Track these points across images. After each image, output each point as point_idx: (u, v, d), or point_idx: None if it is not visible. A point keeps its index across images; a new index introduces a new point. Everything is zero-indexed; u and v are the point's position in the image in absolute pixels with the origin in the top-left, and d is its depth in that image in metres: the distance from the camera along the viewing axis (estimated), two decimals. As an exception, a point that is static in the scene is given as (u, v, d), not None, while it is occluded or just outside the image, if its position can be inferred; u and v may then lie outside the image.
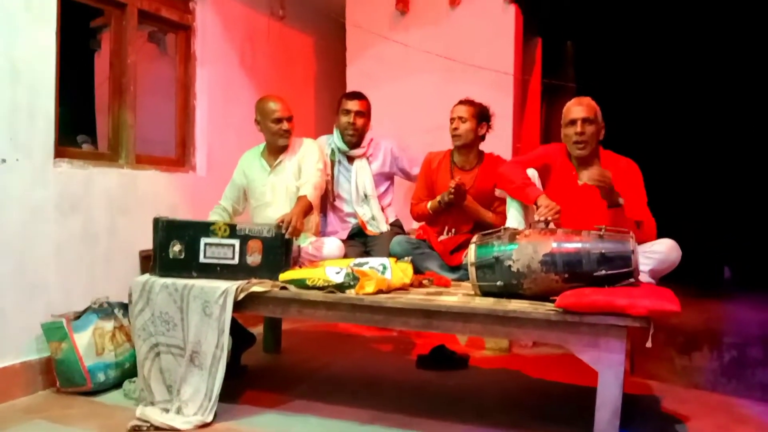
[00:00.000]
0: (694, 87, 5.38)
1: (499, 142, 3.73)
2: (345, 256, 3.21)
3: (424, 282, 2.85)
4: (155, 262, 2.74)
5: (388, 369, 3.47)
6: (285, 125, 3.25)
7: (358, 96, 3.60)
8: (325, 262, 2.92)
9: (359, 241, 3.56)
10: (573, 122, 2.81)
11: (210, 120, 4.03)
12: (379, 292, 2.53)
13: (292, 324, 4.25)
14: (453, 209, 3.28)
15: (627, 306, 2.11)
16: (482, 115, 3.30)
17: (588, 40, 5.35)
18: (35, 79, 2.86)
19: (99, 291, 3.07)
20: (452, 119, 3.29)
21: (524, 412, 2.78)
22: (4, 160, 2.73)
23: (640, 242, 2.50)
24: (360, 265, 2.73)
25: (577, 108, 2.83)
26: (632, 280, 2.31)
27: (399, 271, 2.74)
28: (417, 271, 2.94)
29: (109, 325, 2.94)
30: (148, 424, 2.47)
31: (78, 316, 2.89)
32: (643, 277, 2.58)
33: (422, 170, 3.47)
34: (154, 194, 3.54)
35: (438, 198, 3.26)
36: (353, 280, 2.55)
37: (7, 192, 2.75)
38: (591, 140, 2.81)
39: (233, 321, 2.61)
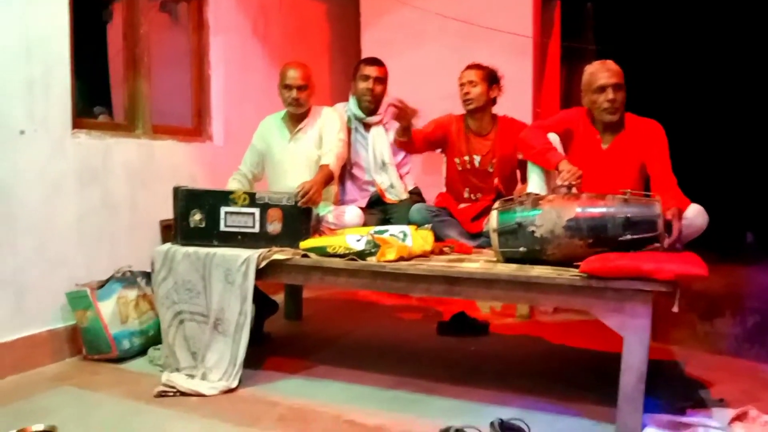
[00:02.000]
0: (717, 48, 5.25)
1: (518, 106, 3.68)
2: (365, 224, 3.20)
3: (445, 249, 2.83)
4: (176, 230, 2.75)
5: (409, 336, 3.48)
6: (294, 93, 3.19)
7: (376, 62, 3.55)
8: (346, 230, 2.91)
9: (378, 209, 3.54)
10: (603, 88, 2.73)
11: (225, 89, 4.00)
12: (401, 259, 2.52)
13: (313, 292, 4.28)
14: (472, 176, 3.24)
15: (653, 270, 2.08)
16: (492, 78, 3.24)
17: (607, 1, 5.23)
18: (50, 52, 2.85)
19: (121, 261, 3.10)
20: (462, 84, 3.23)
21: (546, 377, 2.78)
22: (23, 132, 2.73)
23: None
24: (380, 232, 2.72)
25: (606, 73, 2.74)
26: (658, 244, 2.28)
27: (420, 239, 2.72)
28: (437, 238, 2.93)
29: (132, 294, 2.97)
30: (174, 390, 2.50)
31: (101, 285, 2.92)
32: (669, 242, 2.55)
33: (439, 122, 3.35)
34: (172, 164, 3.54)
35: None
36: (374, 247, 2.54)
37: (28, 164, 2.76)
38: (621, 106, 2.75)
39: (255, 289, 2.62)
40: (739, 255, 5.11)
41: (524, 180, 3.00)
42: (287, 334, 3.46)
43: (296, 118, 3.30)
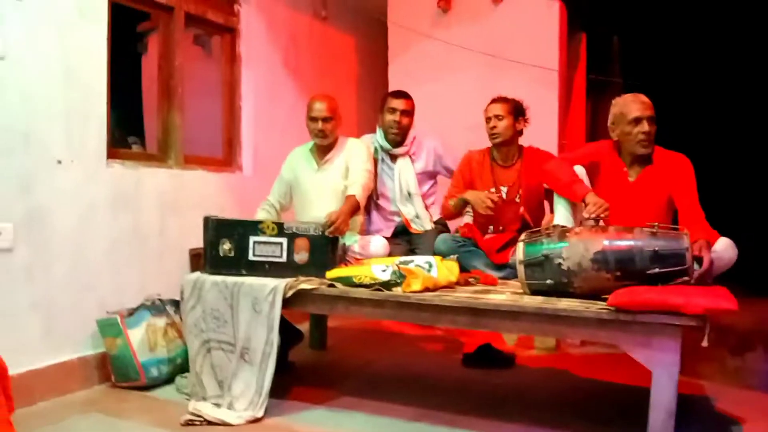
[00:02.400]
0: (744, 80, 5.23)
1: (544, 138, 3.69)
2: (390, 254, 3.21)
3: (471, 280, 2.84)
4: (206, 259, 2.80)
5: (434, 367, 3.47)
6: (319, 125, 3.25)
7: (403, 95, 3.61)
8: (371, 260, 2.93)
9: (404, 240, 3.56)
10: (638, 120, 2.72)
11: (255, 120, 4.09)
12: (426, 290, 2.53)
13: (337, 322, 4.29)
14: (499, 211, 3.24)
15: (682, 305, 2.06)
16: (518, 111, 3.26)
17: (633, 34, 5.25)
18: (88, 82, 2.96)
19: (150, 288, 3.15)
20: (488, 118, 3.26)
21: (572, 412, 2.75)
22: (59, 162, 2.82)
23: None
24: (405, 263, 2.73)
25: (640, 105, 2.74)
26: (687, 278, 2.26)
27: (445, 269, 2.73)
28: (463, 269, 2.93)
29: (161, 322, 3.01)
30: (201, 419, 2.52)
31: (131, 312, 2.97)
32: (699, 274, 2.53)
33: (461, 167, 3.42)
34: (202, 193, 3.61)
35: (460, 197, 3.22)
36: (399, 278, 2.56)
37: (63, 192, 2.84)
38: (653, 138, 2.76)
39: (281, 318, 2.64)
40: (769, 288, 5.00)
41: (552, 210, 3.00)
42: (312, 364, 3.47)
43: (323, 149, 3.36)
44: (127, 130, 4.67)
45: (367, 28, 5.12)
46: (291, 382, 3.03)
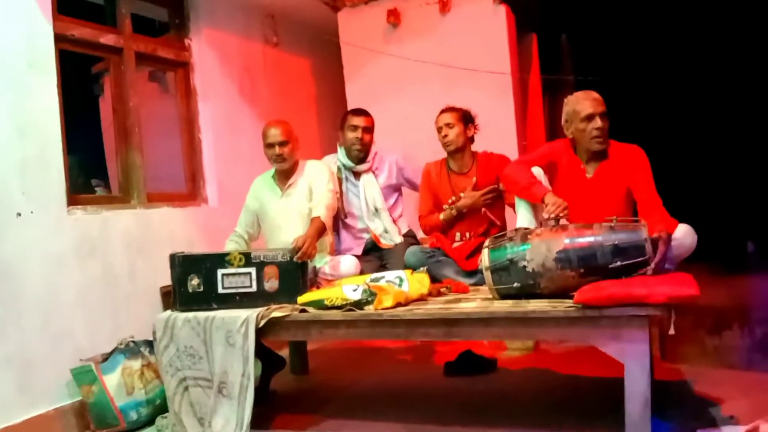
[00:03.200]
0: (697, 63, 5.35)
1: (504, 141, 3.74)
2: (362, 271, 3.23)
3: (443, 290, 2.86)
4: (175, 297, 2.78)
5: (417, 379, 3.47)
6: (276, 150, 3.27)
7: (363, 112, 3.65)
8: (342, 280, 2.94)
9: (374, 255, 3.58)
10: (591, 117, 2.77)
11: (216, 152, 4.09)
12: (398, 305, 2.55)
13: (318, 344, 4.27)
14: (465, 214, 3.30)
15: (645, 295, 2.10)
16: (467, 118, 3.36)
17: (582, 31, 5.35)
18: (43, 132, 2.94)
19: (124, 331, 3.13)
20: (440, 128, 3.34)
21: (557, 411, 2.76)
22: (19, 214, 2.79)
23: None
24: (376, 280, 2.75)
25: (592, 102, 2.78)
26: (648, 268, 2.30)
27: (416, 282, 2.75)
28: (434, 279, 2.95)
29: (136, 364, 2.98)
30: (184, 459, 2.50)
31: (106, 357, 2.94)
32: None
33: (423, 182, 3.49)
34: (169, 230, 3.60)
35: (453, 209, 3.29)
36: (371, 296, 2.57)
37: (26, 244, 2.81)
38: (606, 133, 2.81)
39: (262, 346, 2.65)
40: (742, 265, 5.09)
41: (515, 210, 3.05)
42: (294, 390, 3.45)
43: (285, 173, 3.37)
44: (90, 174, 4.64)
45: (321, 50, 5.15)
46: (274, 411, 3.01)
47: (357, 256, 3.42)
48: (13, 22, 2.84)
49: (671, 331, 2.13)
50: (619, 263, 2.28)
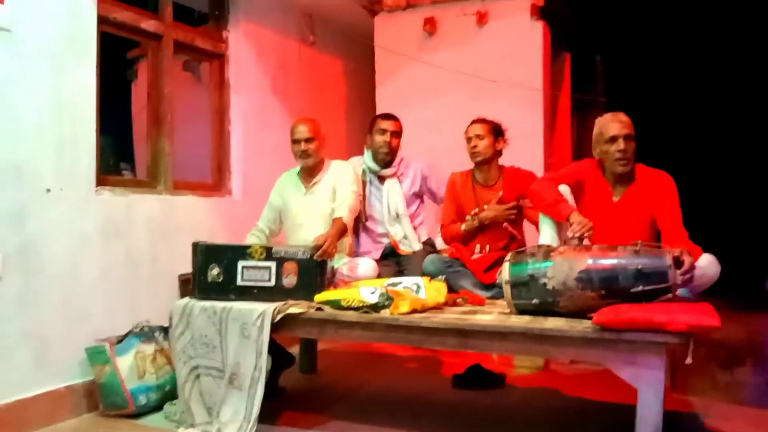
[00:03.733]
0: (727, 97, 5.31)
1: (530, 157, 3.74)
2: (379, 275, 3.23)
3: (459, 301, 2.85)
4: (194, 285, 2.81)
5: (425, 388, 3.46)
6: (302, 146, 3.31)
7: (392, 117, 3.66)
8: (359, 282, 2.95)
9: (392, 261, 3.58)
10: (614, 139, 2.77)
11: (245, 145, 4.12)
12: (414, 311, 2.54)
13: (328, 344, 4.28)
14: (486, 227, 3.29)
15: (666, 322, 2.08)
16: (497, 131, 3.34)
17: (617, 53, 5.33)
18: (78, 111, 2.98)
19: (141, 315, 3.15)
20: (469, 138, 3.33)
21: (563, 431, 2.75)
22: (48, 190, 2.83)
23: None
24: (394, 285, 2.75)
25: (617, 125, 2.79)
26: (670, 295, 2.28)
27: (433, 291, 2.75)
28: (451, 289, 2.95)
29: (150, 349, 3.01)
30: (190, 446, 2.51)
31: (120, 339, 2.97)
32: (682, 293, 2.55)
33: (448, 191, 3.48)
34: (192, 219, 3.63)
35: (476, 220, 3.28)
36: (387, 300, 2.57)
37: (53, 222, 2.85)
38: (632, 156, 2.79)
39: (272, 342, 2.65)
40: (758, 302, 5.03)
41: (536, 225, 3.04)
42: (302, 388, 3.46)
43: (310, 172, 3.40)
44: (118, 156, 4.70)
45: (355, 52, 5.19)
46: (281, 407, 3.02)
47: (375, 260, 3.43)
48: (58, 2, 2.89)
49: (688, 360, 2.10)
50: (641, 288, 2.26)
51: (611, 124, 2.81)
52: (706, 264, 2.60)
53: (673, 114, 5.31)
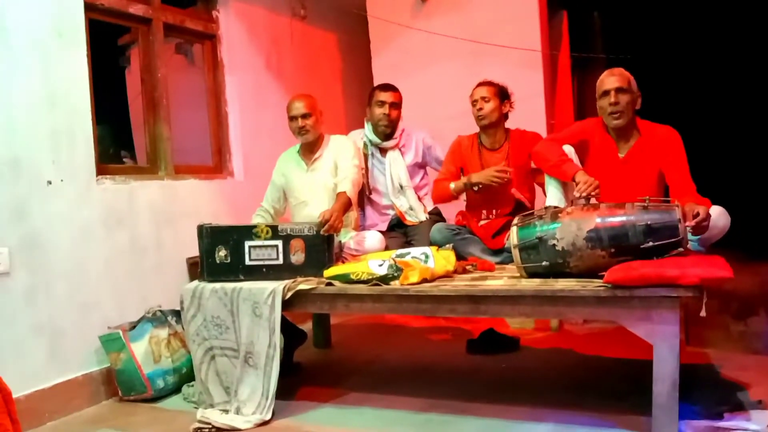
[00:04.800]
0: (730, 47, 5.21)
1: (532, 119, 3.69)
2: (386, 248, 3.22)
3: (468, 268, 2.85)
4: (203, 268, 2.80)
5: (439, 356, 3.48)
6: (299, 122, 3.27)
7: (391, 87, 3.61)
8: (368, 255, 2.94)
9: (399, 232, 3.57)
10: (606, 93, 2.76)
11: (243, 125, 4.09)
12: (424, 281, 2.54)
13: (340, 318, 4.30)
14: (492, 191, 3.25)
15: (678, 276, 2.07)
16: (503, 94, 3.28)
17: (614, 8, 5.23)
18: (72, 102, 2.95)
19: (151, 301, 3.16)
20: (474, 101, 3.26)
21: (580, 389, 2.76)
22: (49, 182, 2.82)
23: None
24: (402, 255, 2.74)
25: (610, 78, 2.77)
26: (681, 249, 2.26)
27: (442, 259, 2.74)
28: (459, 257, 2.94)
29: (163, 333, 3.02)
30: (210, 426, 2.53)
31: (133, 326, 2.98)
32: (693, 246, 2.53)
33: (451, 151, 3.41)
34: (195, 202, 3.62)
35: (465, 180, 3.21)
36: (397, 271, 2.56)
37: (56, 213, 2.84)
38: (626, 110, 2.75)
39: (283, 319, 2.66)
40: (768, 252, 5.00)
41: (544, 189, 3.00)
42: (317, 363, 3.48)
43: (310, 148, 3.37)
44: (117, 144, 4.67)
45: (348, 24, 5.11)
46: (297, 383, 3.04)
47: (382, 232, 3.41)
48: (45, -9, 2.84)
49: (702, 313, 2.10)
50: (651, 243, 2.24)
51: (605, 79, 2.80)
52: (715, 216, 2.56)
53: (676, 66, 5.23)
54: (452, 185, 3.25)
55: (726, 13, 5.00)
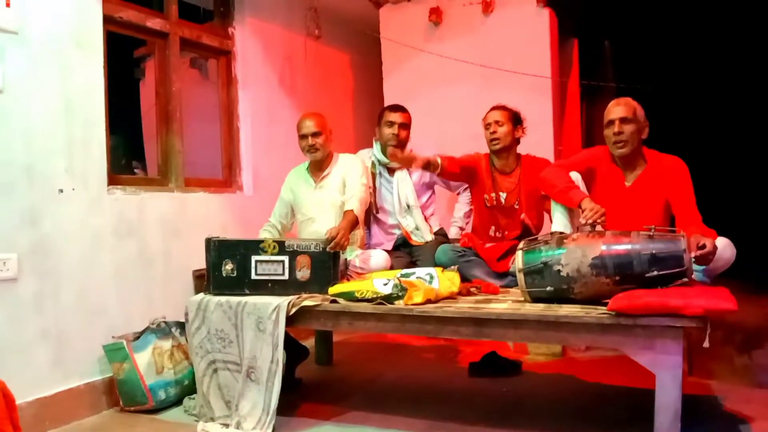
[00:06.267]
0: (739, 79, 5.25)
1: (540, 145, 3.72)
2: (391, 267, 3.24)
3: (472, 290, 2.85)
4: (209, 281, 2.82)
5: (441, 377, 3.47)
6: (309, 140, 3.31)
7: (400, 108, 3.65)
8: (373, 274, 2.96)
9: (405, 252, 3.59)
10: (611, 122, 2.79)
11: (254, 141, 4.13)
12: (428, 302, 2.55)
13: (343, 336, 4.30)
14: (499, 213, 3.28)
15: (682, 306, 2.08)
16: (516, 119, 3.32)
17: (625, 38, 5.28)
18: (87, 112, 2.99)
19: (156, 311, 3.17)
20: (488, 124, 3.30)
21: (582, 416, 2.75)
22: (61, 191, 2.85)
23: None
24: (407, 275, 2.75)
25: (616, 108, 2.80)
26: (685, 279, 2.27)
27: (446, 281, 2.75)
28: (464, 279, 2.95)
29: (167, 344, 3.03)
30: (210, 440, 2.53)
31: (137, 336, 2.99)
32: (698, 277, 2.54)
33: (469, 156, 3.41)
34: (204, 215, 3.64)
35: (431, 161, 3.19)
36: (401, 291, 2.57)
37: (67, 221, 2.87)
38: (630, 139, 2.77)
39: (286, 335, 2.66)
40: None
41: (551, 216, 3.02)
42: (319, 380, 3.48)
43: (319, 165, 3.40)
44: (129, 155, 4.73)
45: (361, 45, 5.17)
46: (298, 399, 3.04)
47: (387, 251, 3.43)
48: (64, 2, 2.90)
49: (706, 344, 2.10)
50: (656, 272, 2.25)
51: (611, 109, 2.84)
52: (721, 247, 2.58)
53: (685, 97, 5.26)
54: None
55: (738, 44, 5.04)
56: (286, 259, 2.79)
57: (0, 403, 1.81)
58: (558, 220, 2.86)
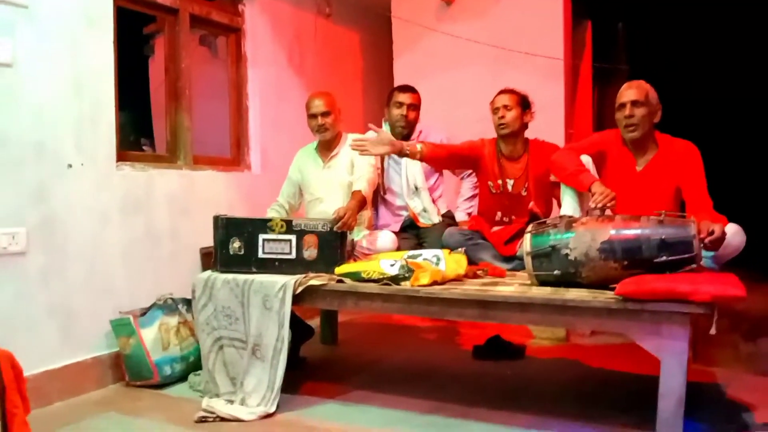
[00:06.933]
0: (755, 59, 5.17)
1: (551, 128, 3.68)
2: (398, 248, 3.23)
3: (479, 273, 2.84)
4: (216, 258, 2.83)
5: (445, 359, 3.48)
6: (319, 120, 3.30)
7: (410, 89, 3.62)
8: (379, 254, 2.95)
9: (412, 234, 3.58)
10: (623, 105, 2.76)
11: (263, 119, 4.11)
12: (434, 283, 2.54)
13: (348, 316, 4.31)
14: (506, 199, 3.24)
15: (690, 292, 2.06)
16: (525, 103, 3.24)
17: (639, 20, 5.21)
18: (97, 88, 2.99)
19: (163, 288, 3.19)
20: (496, 109, 3.22)
21: (584, 401, 2.75)
22: (70, 166, 2.86)
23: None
24: (414, 257, 2.75)
25: (628, 91, 2.77)
26: (694, 265, 2.26)
27: (453, 263, 2.74)
28: (471, 262, 2.93)
29: (173, 321, 3.05)
30: (214, 415, 2.56)
31: (144, 312, 3.01)
32: (707, 263, 2.52)
33: (471, 142, 3.33)
34: (211, 193, 3.65)
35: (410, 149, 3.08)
36: (408, 272, 2.57)
37: (75, 197, 2.88)
38: (642, 123, 2.74)
39: (292, 314, 2.67)
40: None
41: (560, 203, 2.99)
42: (323, 359, 3.50)
43: (327, 145, 3.39)
44: (137, 132, 4.72)
45: (372, 24, 5.12)
46: (303, 378, 3.06)
47: (394, 233, 3.42)
48: (75, -22, 2.88)
49: (713, 331, 2.09)
50: (665, 258, 2.23)
51: (623, 92, 2.80)
52: (731, 234, 2.55)
53: (699, 80, 5.19)
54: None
55: (754, 27, 4.96)
56: (293, 238, 2.79)
57: (8, 374, 1.83)
58: (567, 204, 2.84)
